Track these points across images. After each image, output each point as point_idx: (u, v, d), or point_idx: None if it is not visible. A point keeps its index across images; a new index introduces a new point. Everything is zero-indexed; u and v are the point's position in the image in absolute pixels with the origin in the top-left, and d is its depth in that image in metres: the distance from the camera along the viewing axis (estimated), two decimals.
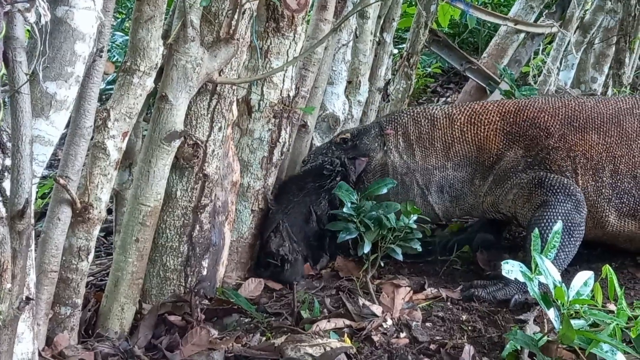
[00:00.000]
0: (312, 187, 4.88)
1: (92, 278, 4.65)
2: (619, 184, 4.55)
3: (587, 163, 4.59)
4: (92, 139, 3.46)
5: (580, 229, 4.38)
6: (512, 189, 4.64)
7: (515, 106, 4.88)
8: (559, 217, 4.32)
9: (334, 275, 4.74)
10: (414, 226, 4.45)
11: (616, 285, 3.24)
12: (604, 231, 4.63)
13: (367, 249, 4.38)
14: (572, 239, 4.34)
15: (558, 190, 4.44)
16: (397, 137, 4.95)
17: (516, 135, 4.74)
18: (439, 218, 5.04)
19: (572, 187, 4.46)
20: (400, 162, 4.93)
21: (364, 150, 4.98)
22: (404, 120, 4.98)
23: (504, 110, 4.86)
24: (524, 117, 4.78)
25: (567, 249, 4.32)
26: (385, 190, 4.61)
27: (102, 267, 4.92)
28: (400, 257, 4.47)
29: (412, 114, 5.02)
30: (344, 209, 4.45)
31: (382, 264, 4.65)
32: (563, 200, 4.41)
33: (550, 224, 4.29)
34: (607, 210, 4.57)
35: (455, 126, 4.87)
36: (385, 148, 4.97)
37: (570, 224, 4.36)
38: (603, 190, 4.56)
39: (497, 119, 4.82)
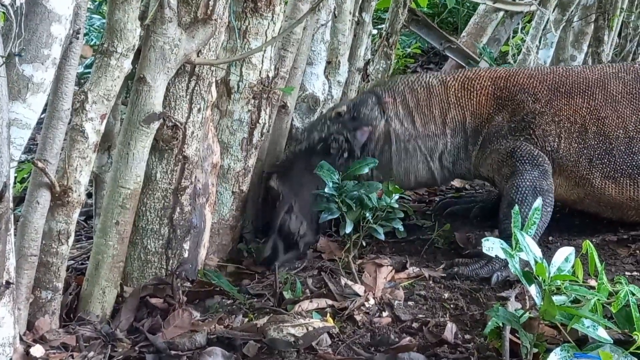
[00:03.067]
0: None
1: (72, 262, 4.63)
2: (601, 144, 4.70)
3: (572, 126, 4.74)
4: (70, 122, 3.43)
5: (550, 195, 4.59)
6: (491, 154, 4.81)
7: (506, 72, 5.05)
8: (527, 184, 4.55)
9: (316, 256, 4.74)
10: (396, 205, 4.45)
11: (597, 260, 3.24)
12: (585, 191, 4.76)
13: (348, 229, 4.37)
14: (543, 203, 4.43)
15: (526, 160, 4.63)
16: (397, 105, 5.03)
17: (505, 99, 4.89)
18: (436, 183, 5.20)
19: (539, 158, 4.66)
20: (402, 130, 5.00)
21: (365, 121, 5.01)
22: (400, 89, 5.07)
23: (495, 76, 5.02)
24: (514, 82, 4.94)
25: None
26: (366, 170, 4.59)
27: (82, 250, 4.90)
28: (382, 237, 4.47)
29: (407, 82, 5.12)
30: (326, 189, 4.43)
31: (364, 244, 4.66)
32: (530, 169, 4.61)
33: (521, 191, 4.56)
34: (589, 170, 4.71)
35: (450, 92, 5.00)
36: (385, 117, 5.02)
37: (539, 190, 4.54)
38: (585, 151, 4.70)
39: (489, 84, 4.96)
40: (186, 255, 4.23)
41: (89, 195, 4.64)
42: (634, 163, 4.63)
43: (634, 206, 4.72)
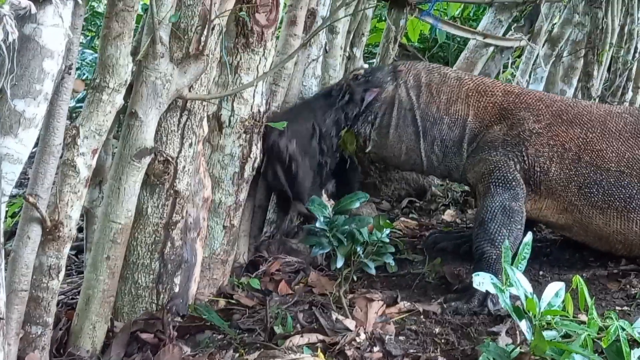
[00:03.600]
0: (318, 105, 5.14)
1: (63, 296, 4.61)
2: (592, 174, 4.75)
3: (565, 153, 4.81)
4: (61, 157, 3.43)
5: (519, 215, 4.70)
6: (479, 162, 4.94)
7: (519, 90, 5.24)
8: (497, 205, 4.70)
9: (307, 290, 4.73)
10: (387, 240, 4.45)
11: (587, 295, 3.25)
12: (573, 217, 4.82)
13: (339, 263, 4.37)
14: (512, 221, 4.64)
15: (499, 184, 4.77)
16: (409, 76, 5.23)
17: (509, 112, 5.00)
18: (422, 169, 5.31)
19: (513, 182, 4.78)
20: (406, 97, 5.19)
21: (376, 83, 5.25)
22: (418, 67, 5.31)
23: (508, 90, 5.19)
24: (522, 100, 5.06)
25: (506, 228, 4.63)
26: (358, 205, 4.61)
27: (73, 285, 4.88)
28: (373, 271, 4.47)
29: (427, 65, 5.41)
30: (317, 224, 4.44)
31: (355, 278, 4.66)
32: (502, 192, 4.74)
33: (491, 210, 4.69)
34: (577, 197, 4.77)
35: (463, 89, 5.17)
36: (395, 83, 5.22)
37: (508, 210, 4.67)
38: (576, 178, 4.77)
39: (500, 94, 5.11)
40: (177, 290, 4.22)
41: (79, 229, 4.63)
42: (621, 196, 4.68)
43: (620, 239, 4.75)
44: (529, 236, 3.58)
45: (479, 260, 4.58)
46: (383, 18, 7.60)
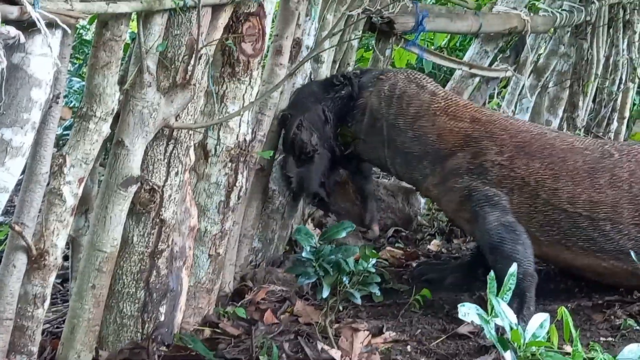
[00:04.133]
0: (322, 91, 5.35)
1: (48, 325, 4.59)
2: (549, 213, 4.74)
3: (524, 187, 4.78)
4: (48, 185, 3.43)
5: (520, 225, 4.68)
6: (449, 192, 4.95)
7: (487, 117, 5.10)
8: (495, 224, 4.67)
9: (293, 320, 4.72)
10: (373, 270, 4.45)
11: (572, 327, 3.26)
12: (540, 251, 4.82)
13: (325, 293, 4.37)
14: (519, 233, 4.66)
15: (483, 203, 4.76)
16: (386, 84, 5.27)
17: (473, 140, 4.95)
18: (395, 175, 5.50)
19: (495, 197, 4.77)
20: (377, 106, 5.26)
21: (361, 86, 5.35)
22: (400, 76, 5.32)
23: (476, 115, 5.10)
24: (488, 129, 4.99)
25: (519, 244, 4.63)
26: (344, 234, 4.61)
27: (58, 314, 4.86)
28: (358, 301, 4.47)
29: (409, 75, 5.36)
30: (303, 253, 4.44)
31: (341, 308, 4.66)
32: (490, 211, 4.72)
33: (494, 233, 4.67)
34: (540, 232, 4.78)
35: (432, 106, 5.13)
36: (372, 89, 5.29)
37: (508, 225, 4.67)
38: (535, 215, 4.77)
39: (468, 119, 5.05)
40: (162, 319, 4.20)
41: (65, 258, 4.61)
42: (582, 237, 4.69)
43: (591, 271, 4.79)
44: (513, 267, 3.59)
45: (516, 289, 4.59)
46: (370, 47, 7.63)
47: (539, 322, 3.25)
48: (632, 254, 4.45)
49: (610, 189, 4.70)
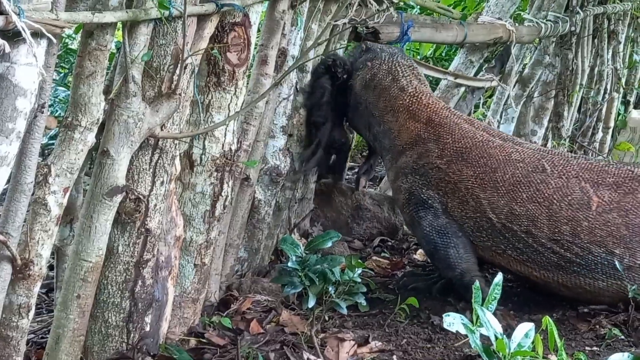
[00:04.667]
0: (325, 79, 5.62)
1: (33, 335, 4.58)
2: (478, 220, 4.82)
3: (457, 193, 4.88)
4: (32, 195, 3.42)
5: (451, 224, 4.87)
6: (397, 191, 5.19)
7: (441, 119, 5.17)
8: (428, 230, 4.88)
9: (278, 330, 4.72)
10: (359, 280, 4.45)
11: (556, 336, 3.27)
12: (477, 253, 4.94)
13: (311, 303, 4.36)
14: (450, 235, 4.83)
15: (419, 208, 4.94)
16: (370, 71, 5.48)
17: (422, 141, 5.08)
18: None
19: (429, 200, 4.93)
20: (359, 91, 5.51)
21: (355, 66, 5.61)
22: (383, 66, 5.49)
23: (432, 118, 5.17)
24: (438, 132, 5.08)
25: (451, 247, 4.82)
26: (330, 244, 4.61)
27: (43, 324, 4.85)
28: (344, 311, 4.46)
29: (394, 63, 5.51)
30: (289, 263, 4.43)
31: (327, 318, 4.66)
32: (424, 216, 4.91)
33: (427, 238, 4.92)
34: (472, 238, 4.87)
35: (398, 101, 5.28)
36: (359, 73, 5.51)
37: (438, 228, 4.84)
38: (467, 221, 4.86)
39: (424, 120, 5.16)
40: (148, 329, 4.19)
41: (50, 268, 4.61)
42: (510, 246, 4.76)
43: (528, 279, 4.89)
44: (499, 277, 3.60)
45: (458, 289, 4.69)
46: None
47: (524, 331, 3.26)
48: (618, 264, 4.51)
49: (531, 203, 4.74)
